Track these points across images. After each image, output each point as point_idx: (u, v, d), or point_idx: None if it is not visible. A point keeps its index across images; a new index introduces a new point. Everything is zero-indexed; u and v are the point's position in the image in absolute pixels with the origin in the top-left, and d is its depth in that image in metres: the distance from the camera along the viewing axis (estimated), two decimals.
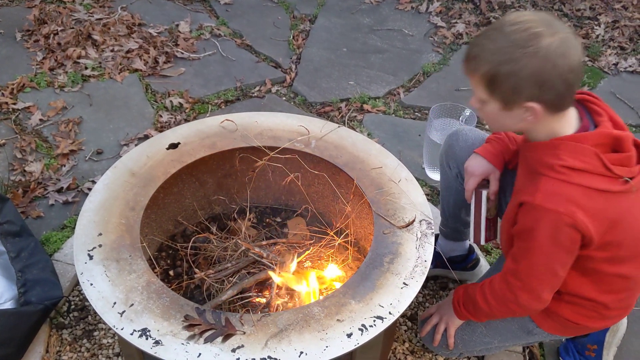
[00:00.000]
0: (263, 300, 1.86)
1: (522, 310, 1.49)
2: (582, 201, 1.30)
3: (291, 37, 3.75)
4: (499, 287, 1.51)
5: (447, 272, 2.13)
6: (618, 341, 1.88)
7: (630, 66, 3.58)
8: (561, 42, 1.22)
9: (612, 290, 1.51)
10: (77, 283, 2.10)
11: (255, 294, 1.88)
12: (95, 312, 1.97)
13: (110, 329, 1.97)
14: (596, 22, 4.02)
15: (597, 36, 3.87)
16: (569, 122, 1.35)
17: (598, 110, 1.37)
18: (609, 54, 3.68)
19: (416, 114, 3.15)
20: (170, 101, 3.06)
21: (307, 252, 2.01)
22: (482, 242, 1.71)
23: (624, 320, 1.86)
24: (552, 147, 1.33)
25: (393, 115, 3.12)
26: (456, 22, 3.95)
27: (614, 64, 3.60)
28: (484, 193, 1.69)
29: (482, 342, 1.70)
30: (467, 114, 2.58)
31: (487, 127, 3.07)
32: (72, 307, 2.03)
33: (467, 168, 1.71)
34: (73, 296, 2.07)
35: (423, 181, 2.65)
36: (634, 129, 3.06)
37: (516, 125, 1.39)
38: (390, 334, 1.88)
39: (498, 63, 1.25)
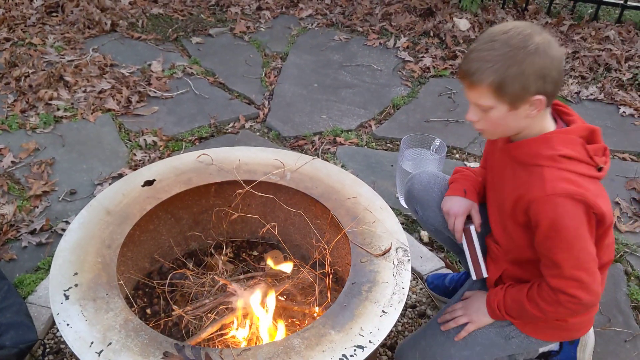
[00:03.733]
0: (241, 339, 1.85)
1: (584, 306, 1.48)
2: (584, 184, 1.41)
3: (263, 74, 3.81)
4: (550, 297, 1.49)
5: None
6: (590, 356, 1.91)
7: (591, 94, 3.71)
8: (547, 38, 1.37)
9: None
10: (52, 325, 2.06)
11: (234, 329, 1.86)
12: (72, 355, 1.94)
13: None
14: None
15: None
16: (551, 121, 1.49)
17: (566, 111, 1.53)
18: (571, 83, 3.82)
19: (388, 145, 3.21)
20: (144, 139, 3.07)
21: (285, 286, 2.02)
22: (485, 274, 1.71)
23: (592, 334, 1.90)
24: (545, 140, 1.44)
25: (365, 147, 3.17)
26: (423, 57, 4.06)
27: (576, 93, 3.73)
28: (472, 228, 1.71)
29: (461, 357, 1.71)
30: (437, 143, 2.64)
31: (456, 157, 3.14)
32: (47, 350, 1.98)
33: (449, 210, 1.76)
34: (48, 339, 2.02)
35: (398, 210, 2.69)
36: None
37: (519, 125, 1.46)
38: None
39: (506, 67, 1.35)
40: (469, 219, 1.76)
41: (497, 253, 1.68)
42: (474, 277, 1.73)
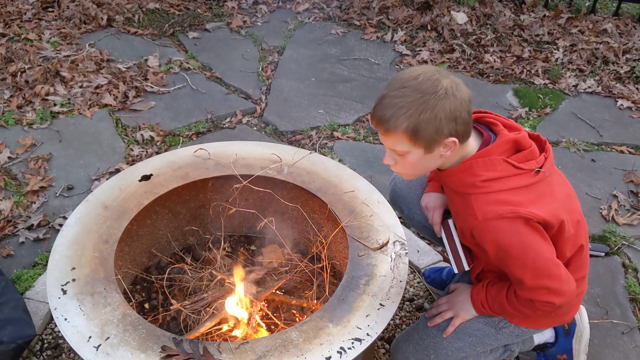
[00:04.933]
0: (238, 334, 1.85)
1: (559, 307, 1.51)
2: (515, 199, 1.42)
3: (260, 68, 3.80)
4: (525, 302, 1.53)
5: None
6: (585, 348, 1.92)
7: (589, 87, 3.71)
8: (454, 81, 1.41)
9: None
10: (50, 321, 2.06)
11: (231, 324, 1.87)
12: (70, 350, 1.94)
13: None
14: (555, 47, 4.17)
15: (557, 59, 4.01)
16: (472, 142, 1.50)
17: (492, 121, 1.54)
18: (569, 76, 3.82)
19: None
20: (141, 135, 3.06)
21: (283, 280, 2.02)
22: (466, 267, 1.72)
23: (587, 325, 1.91)
24: (466, 168, 1.47)
25: (363, 141, 3.17)
26: (420, 50, 4.06)
27: (573, 86, 3.73)
28: (451, 222, 1.72)
29: (454, 349, 1.71)
30: None
31: None
32: (45, 345, 1.99)
33: (427, 205, 1.79)
34: (46, 334, 2.02)
35: None
36: (595, 147, 3.17)
37: (435, 164, 1.50)
38: (369, 356, 1.89)
39: (419, 113, 1.37)
40: (449, 214, 1.76)
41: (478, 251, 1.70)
42: (455, 270, 1.74)
